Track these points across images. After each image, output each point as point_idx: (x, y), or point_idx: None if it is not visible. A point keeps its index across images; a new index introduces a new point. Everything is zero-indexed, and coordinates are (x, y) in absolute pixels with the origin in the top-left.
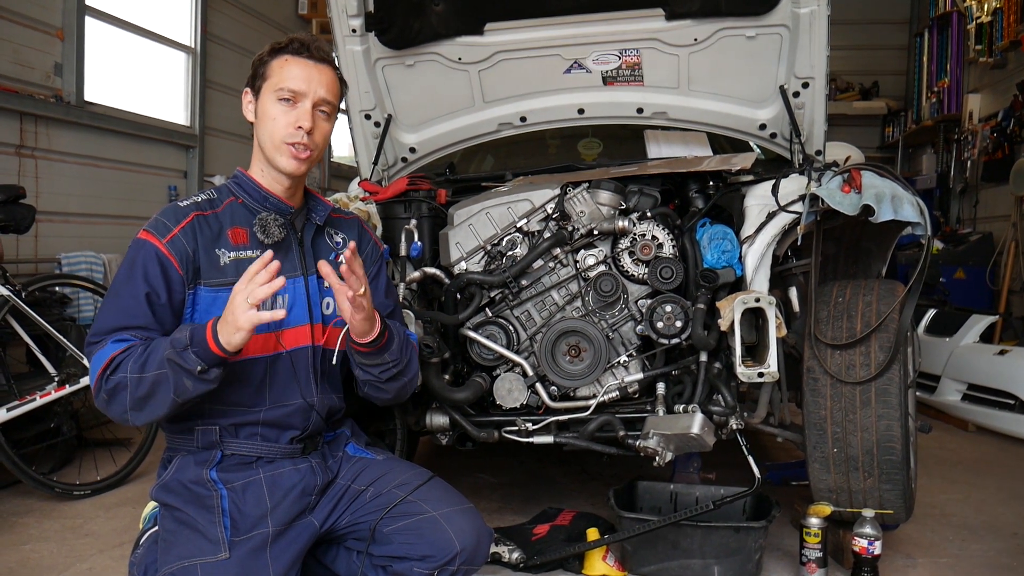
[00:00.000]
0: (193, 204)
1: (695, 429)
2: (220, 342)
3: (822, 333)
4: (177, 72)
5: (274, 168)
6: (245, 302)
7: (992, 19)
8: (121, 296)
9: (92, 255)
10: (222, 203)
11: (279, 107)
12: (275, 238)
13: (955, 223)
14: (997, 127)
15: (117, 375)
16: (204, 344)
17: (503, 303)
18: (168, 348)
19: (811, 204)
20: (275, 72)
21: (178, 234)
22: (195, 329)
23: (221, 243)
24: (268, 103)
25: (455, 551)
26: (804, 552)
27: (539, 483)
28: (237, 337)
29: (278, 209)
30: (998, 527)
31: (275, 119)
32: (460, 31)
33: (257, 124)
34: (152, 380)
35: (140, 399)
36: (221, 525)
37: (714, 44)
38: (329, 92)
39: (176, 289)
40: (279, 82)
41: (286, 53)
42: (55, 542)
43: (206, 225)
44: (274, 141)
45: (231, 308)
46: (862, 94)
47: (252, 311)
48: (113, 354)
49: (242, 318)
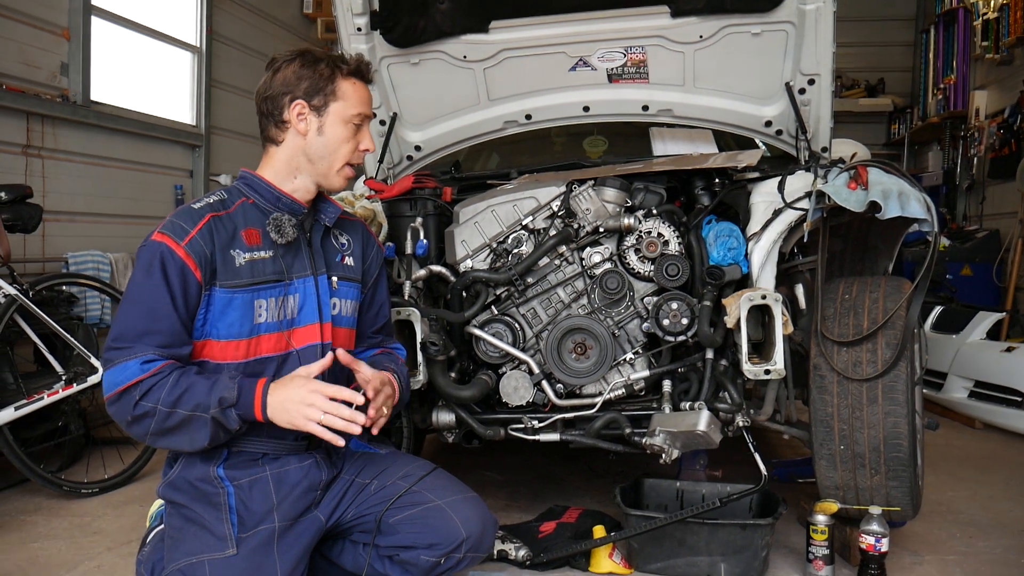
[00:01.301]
0: (207, 205)
1: (701, 426)
2: (268, 416)
3: (829, 330)
4: (183, 72)
5: (320, 184)
6: (320, 415)
7: (999, 15)
8: (142, 301)
9: (99, 254)
10: (233, 204)
11: (348, 129)
12: (289, 238)
13: (962, 220)
14: (1004, 123)
15: (147, 402)
16: (250, 410)
17: (509, 301)
18: (215, 405)
19: (817, 201)
20: (348, 95)
21: (196, 236)
22: (243, 390)
23: (236, 244)
24: (337, 124)
25: (461, 538)
26: (811, 549)
27: (545, 481)
28: (287, 426)
29: (290, 209)
30: (1006, 524)
31: (345, 141)
32: (465, 29)
33: (313, 140)
34: (183, 418)
35: (166, 430)
36: (228, 522)
37: (719, 41)
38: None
39: (193, 292)
40: (353, 107)
41: (355, 76)
42: (63, 540)
43: (221, 226)
44: (336, 162)
45: (301, 405)
46: (868, 91)
47: (315, 425)
48: (141, 376)
49: (306, 424)
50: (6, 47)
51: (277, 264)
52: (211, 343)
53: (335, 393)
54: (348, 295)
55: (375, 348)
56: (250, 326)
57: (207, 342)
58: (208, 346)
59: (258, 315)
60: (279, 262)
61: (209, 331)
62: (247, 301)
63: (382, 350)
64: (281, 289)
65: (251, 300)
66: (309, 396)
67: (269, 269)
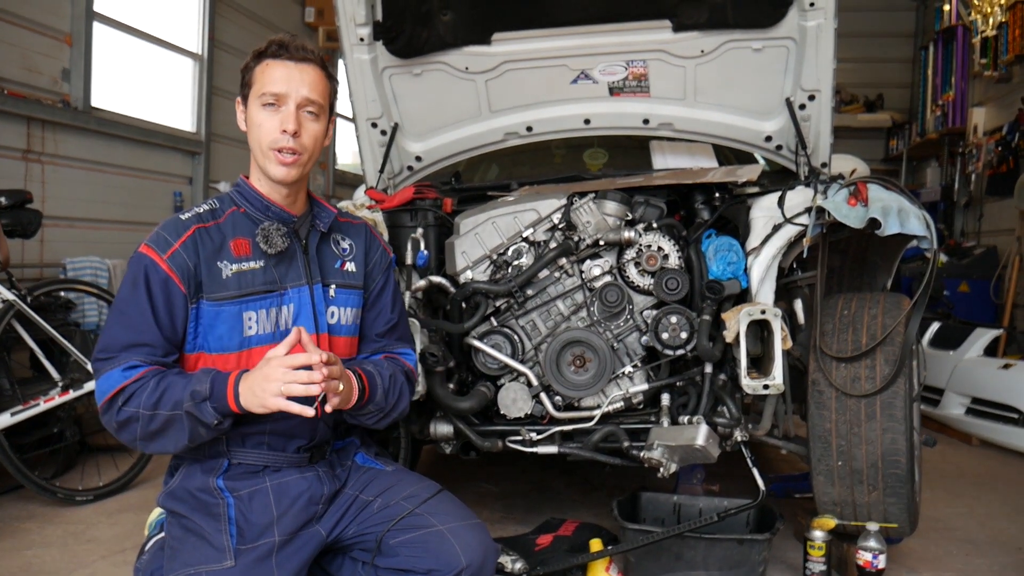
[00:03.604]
0: (195, 216)
1: (699, 440)
2: (241, 404)
3: (827, 346)
4: (184, 79)
5: (267, 177)
6: (280, 386)
7: (997, 33)
8: (128, 313)
9: (97, 260)
10: (224, 213)
11: (264, 113)
12: (278, 248)
13: (959, 236)
14: (1002, 140)
15: (129, 407)
16: (223, 401)
17: (508, 312)
18: (188, 399)
19: (817, 216)
20: (258, 78)
21: (179, 249)
22: (216, 382)
23: (223, 255)
24: (254, 110)
25: (461, 566)
26: (808, 565)
27: (542, 493)
28: (259, 410)
29: (280, 218)
30: (1002, 541)
31: (260, 125)
32: (467, 41)
33: (248, 133)
34: (165, 419)
35: (151, 433)
36: (227, 533)
37: (721, 56)
38: (313, 91)
39: (178, 305)
40: (261, 87)
41: (266, 57)
42: (57, 548)
43: (208, 237)
44: (262, 148)
45: (263, 381)
46: (867, 106)
47: (281, 399)
48: (124, 383)
49: (271, 400)
50: (8, 52)
51: (269, 274)
52: (204, 356)
53: (291, 362)
54: (348, 303)
55: (379, 353)
56: (239, 339)
57: (200, 355)
58: (202, 359)
59: (248, 327)
60: (271, 272)
61: (201, 344)
62: (235, 313)
63: (386, 355)
64: (274, 300)
65: (239, 312)
66: (268, 372)
67: (260, 280)
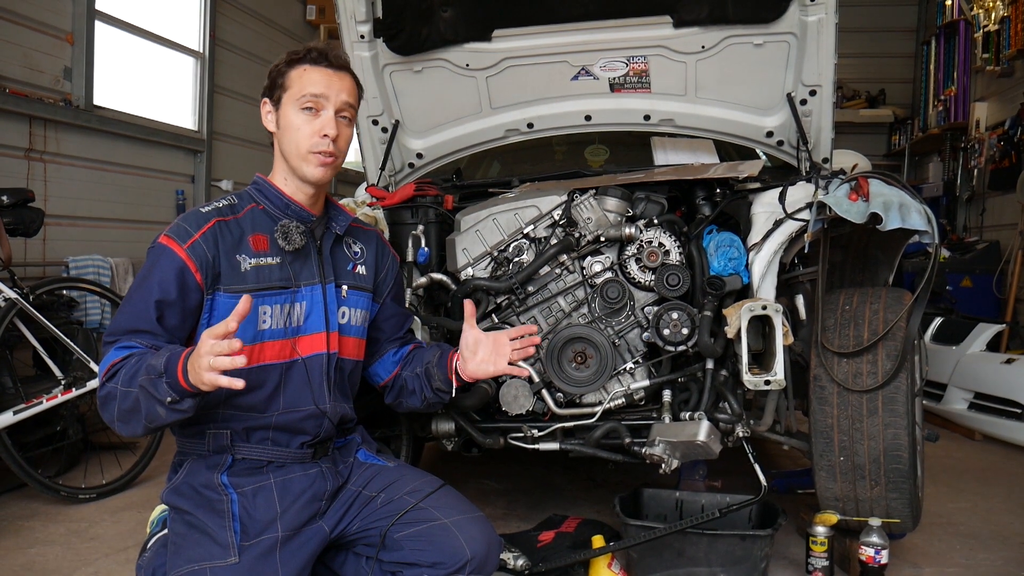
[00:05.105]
0: (215, 210)
1: (701, 436)
2: (189, 380)
3: (829, 341)
4: (185, 77)
5: (299, 178)
6: (209, 359)
7: (999, 28)
8: (133, 300)
9: (99, 259)
10: (243, 209)
11: (302, 116)
12: (296, 245)
13: (962, 231)
14: (1004, 135)
15: (110, 384)
16: (175, 377)
17: (509, 309)
18: (143, 373)
19: (818, 212)
20: (295, 82)
21: (199, 239)
22: (171, 358)
23: (242, 249)
24: (290, 113)
25: (465, 558)
26: (810, 561)
27: (544, 490)
28: (203, 388)
29: (299, 216)
30: (1006, 536)
31: (299, 128)
32: (468, 37)
33: (280, 135)
34: (135, 396)
35: (125, 412)
36: (231, 529)
37: (721, 51)
38: (351, 97)
39: (191, 295)
40: (300, 91)
41: (305, 63)
42: (60, 546)
43: (227, 231)
44: (300, 151)
45: (196, 358)
46: (869, 102)
47: (212, 373)
48: (114, 360)
49: (205, 375)
50: (10, 51)
51: (284, 271)
52: None
53: (213, 332)
54: (358, 304)
55: (407, 345)
56: (253, 332)
57: None
58: None
59: (262, 321)
60: (287, 269)
61: None
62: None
63: (415, 345)
64: (288, 296)
65: (255, 306)
66: (199, 347)
67: (276, 275)
